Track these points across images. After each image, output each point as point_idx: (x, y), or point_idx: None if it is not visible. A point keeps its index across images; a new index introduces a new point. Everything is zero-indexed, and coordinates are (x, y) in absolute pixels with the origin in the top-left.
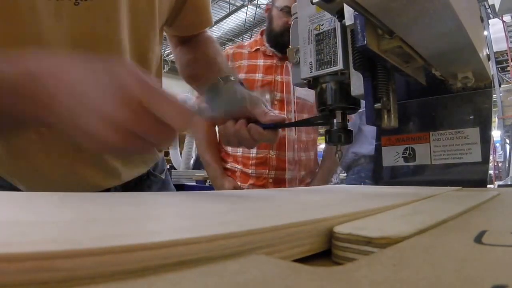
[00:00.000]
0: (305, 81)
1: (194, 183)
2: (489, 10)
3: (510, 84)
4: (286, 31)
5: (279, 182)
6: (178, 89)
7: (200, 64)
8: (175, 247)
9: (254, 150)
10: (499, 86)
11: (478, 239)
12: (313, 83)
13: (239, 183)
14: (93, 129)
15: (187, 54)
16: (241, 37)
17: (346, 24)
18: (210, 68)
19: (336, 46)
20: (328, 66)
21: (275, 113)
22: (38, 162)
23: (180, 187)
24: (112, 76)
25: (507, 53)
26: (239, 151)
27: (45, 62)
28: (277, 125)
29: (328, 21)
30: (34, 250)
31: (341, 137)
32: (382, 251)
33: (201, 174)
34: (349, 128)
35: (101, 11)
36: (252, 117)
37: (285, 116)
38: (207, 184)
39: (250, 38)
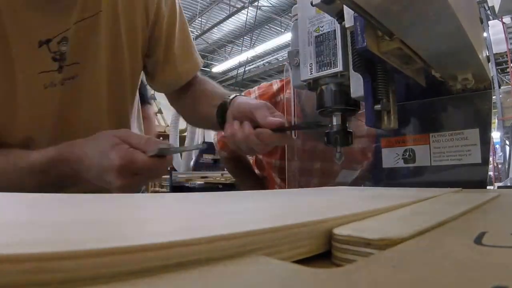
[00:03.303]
0: (305, 83)
1: (194, 185)
2: (488, 12)
3: (510, 86)
4: None
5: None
6: None
7: (202, 101)
8: (176, 248)
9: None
10: (499, 87)
11: (478, 240)
12: (313, 85)
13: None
14: (106, 181)
15: (188, 101)
16: (242, 38)
17: (346, 26)
18: (213, 100)
19: (336, 47)
20: (328, 67)
21: (276, 117)
22: None
23: (180, 189)
24: (107, 158)
25: (506, 55)
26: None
27: (72, 148)
28: (281, 129)
29: (328, 23)
30: (35, 251)
31: (341, 138)
32: (381, 253)
33: (200, 175)
34: (349, 130)
35: (84, 85)
36: (256, 120)
37: (283, 120)
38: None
39: (251, 40)
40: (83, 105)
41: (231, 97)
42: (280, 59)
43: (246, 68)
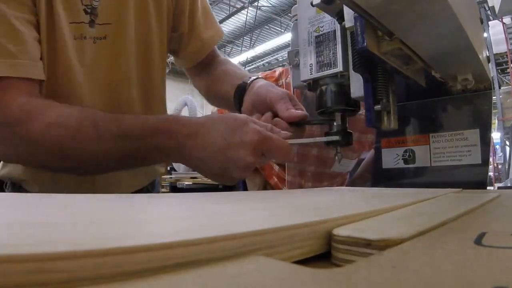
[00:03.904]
0: (305, 83)
1: (181, 185)
2: (489, 12)
3: (510, 86)
4: None
5: (319, 180)
6: (178, 91)
7: (223, 80)
8: (175, 249)
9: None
10: (499, 88)
11: (478, 240)
12: (313, 85)
13: (275, 179)
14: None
15: (208, 79)
16: (241, 39)
17: (346, 26)
18: (233, 80)
19: (336, 48)
20: (328, 68)
21: (297, 110)
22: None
23: (180, 189)
24: (243, 133)
25: (507, 55)
26: None
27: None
28: (298, 123)
29: (328, 23)
30: (35, 251)
31: (342, 139)
32: (381, 253)
33: (189, 175)
34: (348, 131)
35: (114, 47)
36: (276, 112)
37: (304, 113)
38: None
39: (251, 40)
40: (111, 67)
41: (251, 79)
42: (280, 59)
43: (246, 68)
